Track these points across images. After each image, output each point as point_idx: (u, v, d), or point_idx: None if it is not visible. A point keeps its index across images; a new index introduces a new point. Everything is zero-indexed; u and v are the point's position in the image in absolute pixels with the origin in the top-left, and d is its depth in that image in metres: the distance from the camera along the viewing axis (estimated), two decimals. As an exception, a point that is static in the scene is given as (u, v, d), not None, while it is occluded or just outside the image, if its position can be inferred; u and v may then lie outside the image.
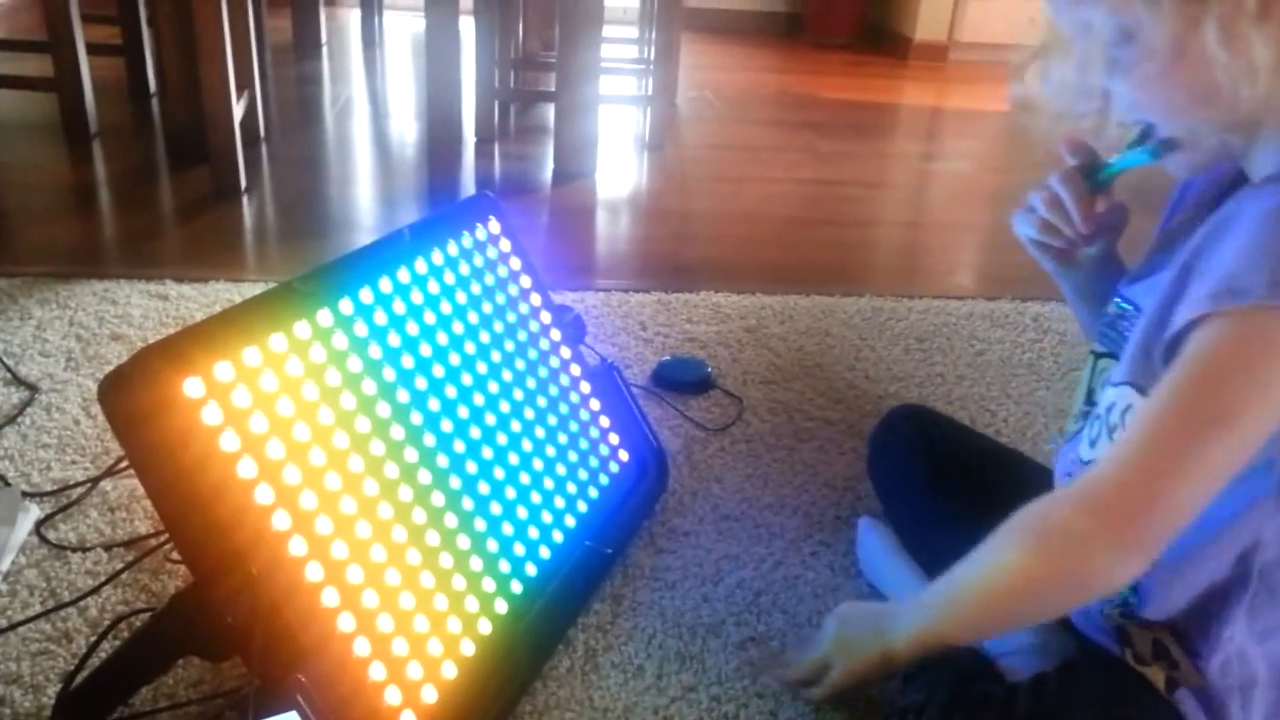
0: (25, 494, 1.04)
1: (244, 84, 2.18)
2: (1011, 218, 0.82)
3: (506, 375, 0.93)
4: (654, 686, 0.86)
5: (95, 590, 0.91)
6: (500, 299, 0.96)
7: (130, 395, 0.63)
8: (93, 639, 0.85)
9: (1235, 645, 0.68)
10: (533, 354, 0.98)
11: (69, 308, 1.47)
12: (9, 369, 1.28)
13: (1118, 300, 0.78)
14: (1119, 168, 0.75)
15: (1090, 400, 0.78)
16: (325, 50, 3.70)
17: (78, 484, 1.07)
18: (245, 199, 2.04)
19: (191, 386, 0.64)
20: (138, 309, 1.48)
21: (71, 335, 1.39)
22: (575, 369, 1.04)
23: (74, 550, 0.97)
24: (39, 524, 1.00)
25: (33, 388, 1.25)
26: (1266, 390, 0.58)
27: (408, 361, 0.82)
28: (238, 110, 2.02)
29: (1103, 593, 0.68)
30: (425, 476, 0.79)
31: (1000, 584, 0.68)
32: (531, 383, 0.96)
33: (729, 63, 4.17)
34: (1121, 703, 0.70)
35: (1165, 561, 0.63)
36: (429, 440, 0.81)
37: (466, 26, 2.33)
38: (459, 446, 0.84)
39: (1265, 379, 0.58)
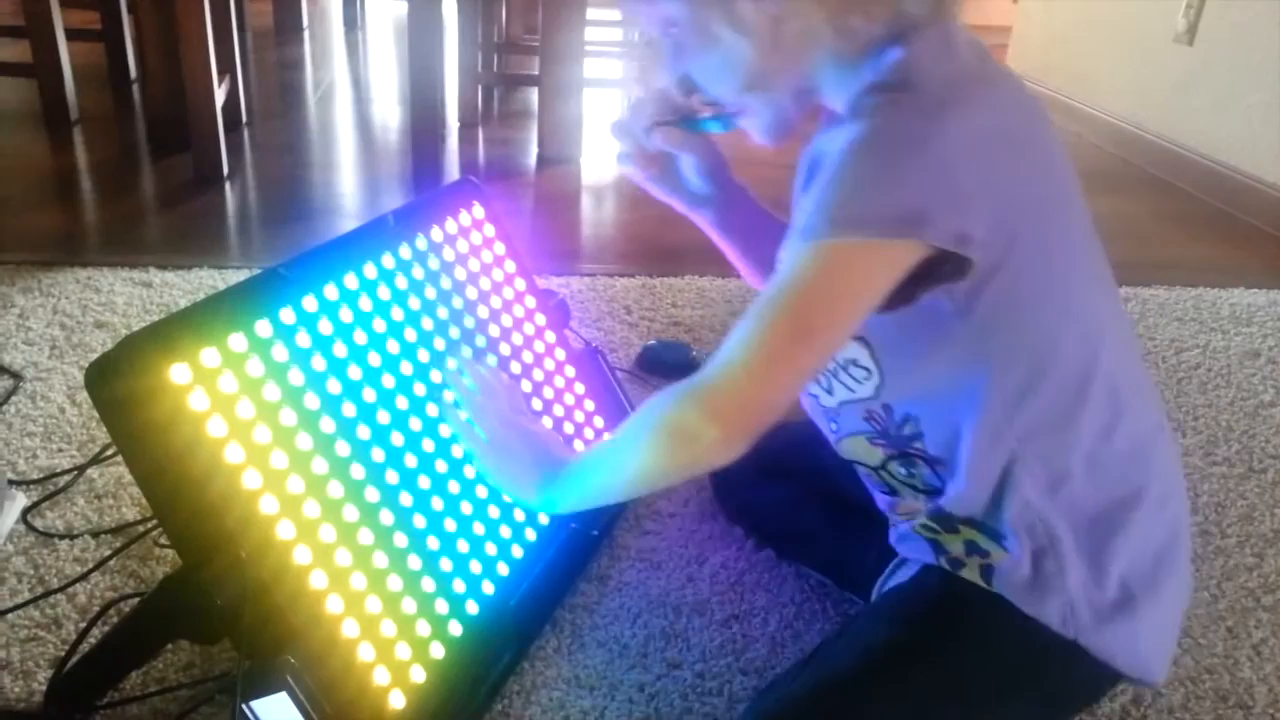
0: (11, 482, 1.05)
1: (225, 69, 2.17)
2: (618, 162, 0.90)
3: (491, 359, 0.94)
4: (639, 664, 0.87)
5: (84, 577, 0.92)
6: (485, 284, 0.97)
7: (117, 382, 0.63)
8: (82, 625, 0.86)
9: (1031, 509, 0.72)
10: (518, 338, 0.99)
11: (52, 296, 1.46)
12: (-7, 357, 1.28)
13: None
14: (698, 126, 0.82)
15: None
16: (307, 34, 3.68)
17: (64, 472, 1.07)
18: (228, 185, 2.04)
19: (178, 372, 0.65)
20: (121, 296, 1.48)
21: (55, 323, 1.39)
22: (560, 353, 1.04)
23: (61, 537, 0.97)
24: (26, 512, 1.00)
25: (17, 376, 1.25)
26: (833, 309, 0.67)
27: (392, 348, 0.82)
28: (219, 95, 2.01)
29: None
30: (411, 461, 0.80)
31: (631, 468, 0.76)
32: (516, 367, 0.97)
33: (713, 46, 4.16)
34: (939, 607, 0.75)
35: (959, 462, 0.74)
36: (415, 425, 0.82)
37: (449, 10, 2.32)
38: (445, 431, 0.85)
39: (829, 300, 0.66)
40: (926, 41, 0.68)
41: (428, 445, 0.82)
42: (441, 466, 0.83)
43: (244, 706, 0.66)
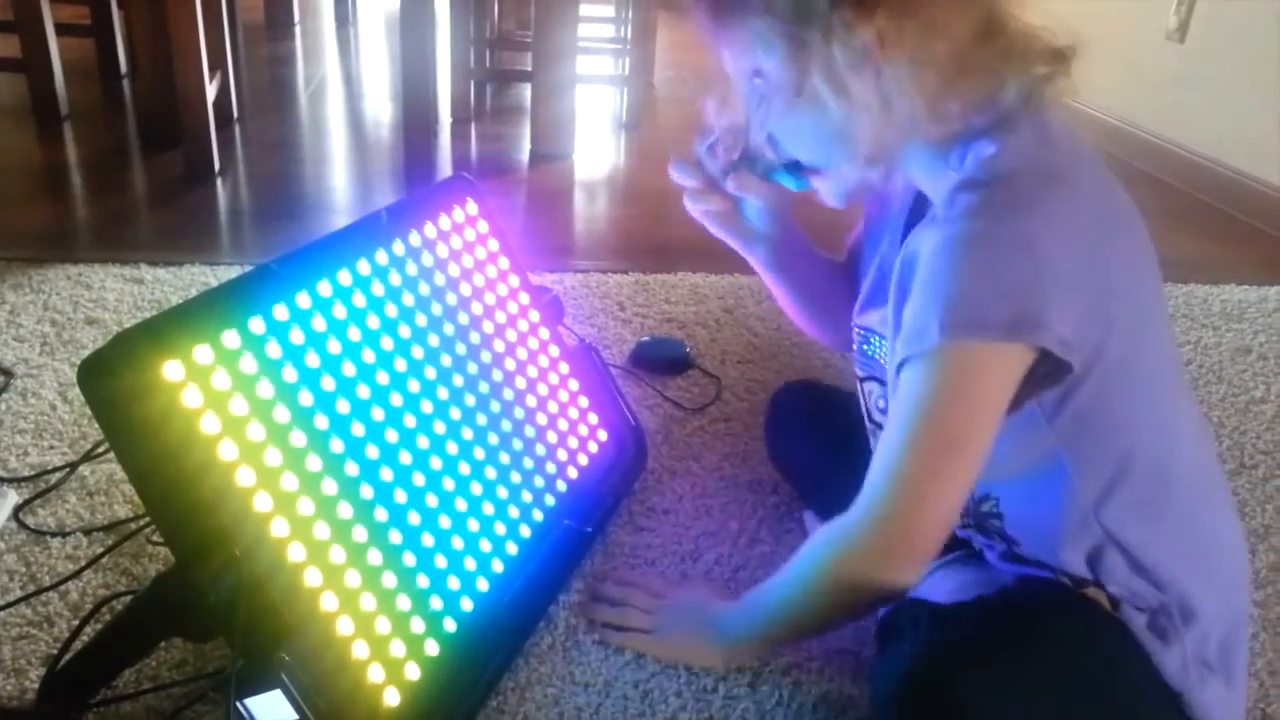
0: (2, 480, 1.04)
1: (216, 64, 2.15)
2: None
3: (485, 356, 0.94)
4: (634, 661, 0.87)
5: (76, 574, 0.91)
6: (478, 281, 0.96)
7: (110, 379, 0.63)
8: (74, 623, 0.85)
9: (1134, 583, 0.72)
10: (511, 335, 0.98)
11: (42, 292, 1.45)
12: (-17, 354, 1.27)
13: (855, 327, 0.86)
14: (774, 177, 0.81)
15: (872, 420, 0.86)
16: (298, 30, 3.66)
17: (55, 469, 1.07)
18: (219, 181, 2.03)
19: (171, 369, 0.64)
20: (112, 293, 1.47)
21: (46, 320, 1.38)
22: (554, 350, 1.04)
23: (53, 535, 0.97)
24: (17, 509, 1.00)
25: (8, 373, 1.24)
26: (971, 412, 0.66)
27: (386, 344, 0.82)
28: (210, 91, 2.00)
29: (884, 602, 0.75)
30: (406, 457, 0.80)
31: (818, 618, 0.77)
32: (510, 364, 0.97)
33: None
34: (1072, 614, 0.74)
35: (1042, 543, 0.74)
36: (409, 421, 0.82)
37: (441, 5, 2.31)
38: (439, 428, 0.85)
39: (965, 404, 0.66)
40: (1020, 134, 0.68)
41: (422, 442, 0.82)
42: (436, 463, 0.83)
43: (239, 704, 0.66)
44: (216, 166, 2.04)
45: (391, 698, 0.72)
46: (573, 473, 1.00)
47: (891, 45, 0.66)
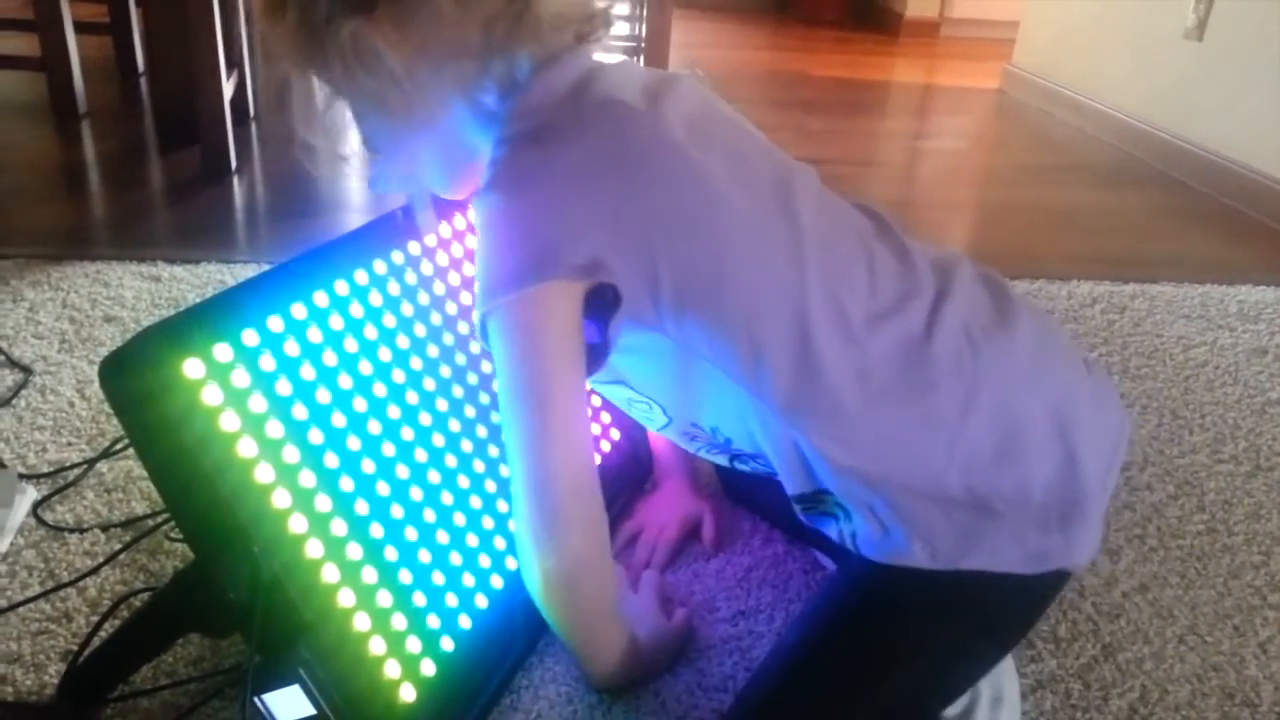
0: (22, 476, 1.05)
1: (234, 63, 2.17)
2: None
3: (500, 355, 0.94)
4: (647, 660, 0.87)
5: (94, 571, 0.92)
6: (493, 279, 0.97)
7: (130, 376, 0.64)
8: (93, 618, 0.86)
9: (843, 475, 0.73)
10: (526, 334, 0.99)
11: (61, 289, 1.47)
12: (3, 351, 1.28)
13: None
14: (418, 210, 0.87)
15: None
16: (313, 28, 3.67)
17: (74, 465, 1.08)
18: (236, 179, 2.04)
19: (191, 367, 0.65)
20: (130, 290, 1.48)
21: (64, 317, 1.39)
22: (568, 349, 1.04)
23: (71, 531, 0.98)
24: (36, 505, 1.01)
25: (27, 370, 1.25)
26: (540, 365, 0.70)
27: (403, 342, 0.83)
28: (228, 89, 2.01)
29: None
30: (421, 455, 0.80)
31: (551, 615, 0.77)
32: (525, 362, 0.97)
33: (720, 40, 4.17)
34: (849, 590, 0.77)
35: (767, 452, 0.77)
36: (425, 419, 0.82)
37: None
38: (453, 425, 0.85)
39: (530, 360, 0.69)
40: (524, 99, 0.73)
41: (437, 440, 0.83)
42: (451, 461, 0.83)
43: (257, 700, 0.66)
44: (233, 164, 2.05)
45: (407, 694, 0.72)
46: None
47: (404, 46, 0.70)
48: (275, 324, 0.71)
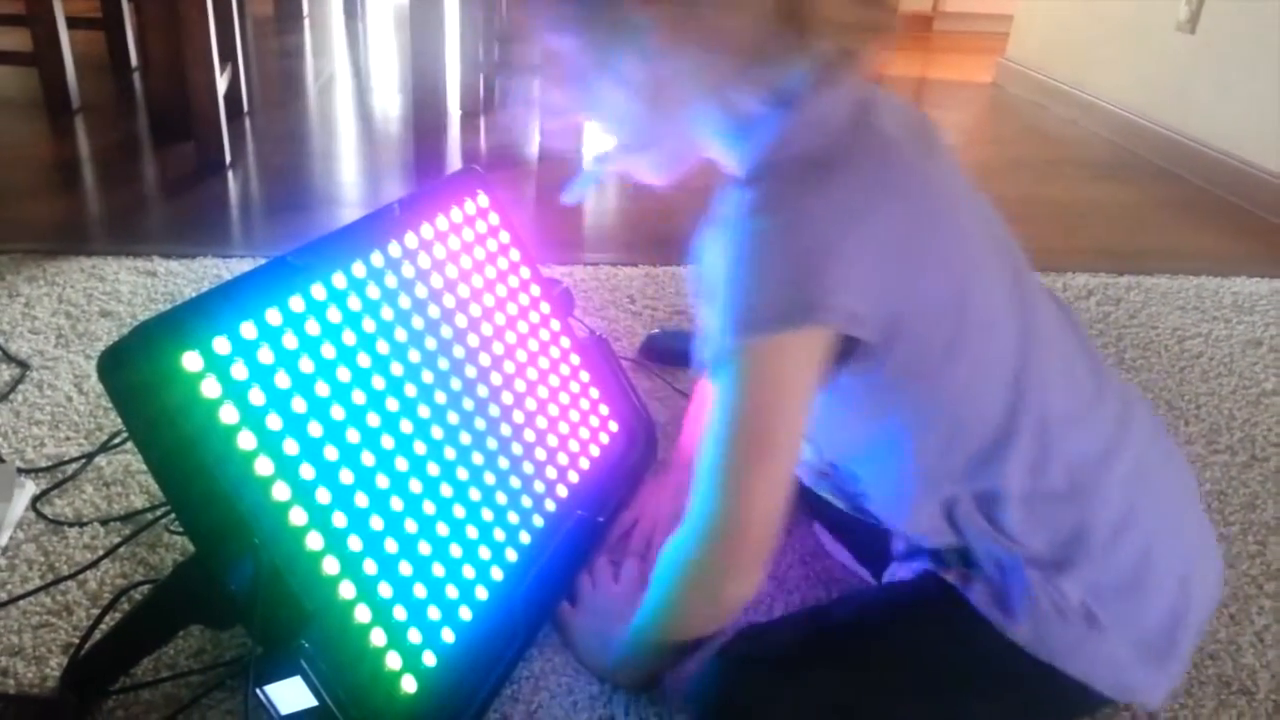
0: (20, 470, 1.05)
1: (227, 57, 2.16)
2: None
3: (497, 348, 0.94)
4: (647, 651, 0.87)
5: (94, 564, 0.92)
6: (490, 272, 0.97)
7: (129, 369, 0.64)
8: (93, 611, 0.86)
9: (986, 540, 0.74)
10: (523, 327, 0.99)
11: (57, 284, 1.46)
12: (0, 346, 1.28)
13: None
14: (582, 185, 0.84)
15: None
16: (307, 23, 3.67)
17: (72, 460, 1.08)
18: (230, 174, 2.04)
19: (190, 360, 0.65)
20: (126, 285, 1.48)
21: (61, 312, 1.39)
22: (565, 341, 1.05)
23: (71, 525, 0.98)
24: (35, 500, 1.01)
25: (24, 365, 1.25)
26: (773, 406, 0.67)
27: (400, 334, 0.83)
28: (221, 84, 2.01)
29: (732, 614, 0.76)
30: (420, 447, 0.81)
31: (671, 628, 0.76)
32: (522, 355, 0.97)
33: (714, 34, 4.14)
34: (928, 605, 0.76)
35: (904, 514, 0.76)
36: (423, 412, 0.82)
37: (451, -2, 2.32)
38: (452, 418, 0.85)
39: (766, 400, 0.67)
40: (804, 113, 0.68)
41: (436, 432, 0.83)
42: (450, 454, 0.84)
43: (258, 691, 0.66)
44: (228, 159, 2.05)
45: (409, 685, 0.73)
46: (585, 464, 1.01)
47: (679, 31, 0.66)
48: (274, 317, 0.71)
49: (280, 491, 0.68)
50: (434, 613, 0.77)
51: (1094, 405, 0.76)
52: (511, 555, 0.87)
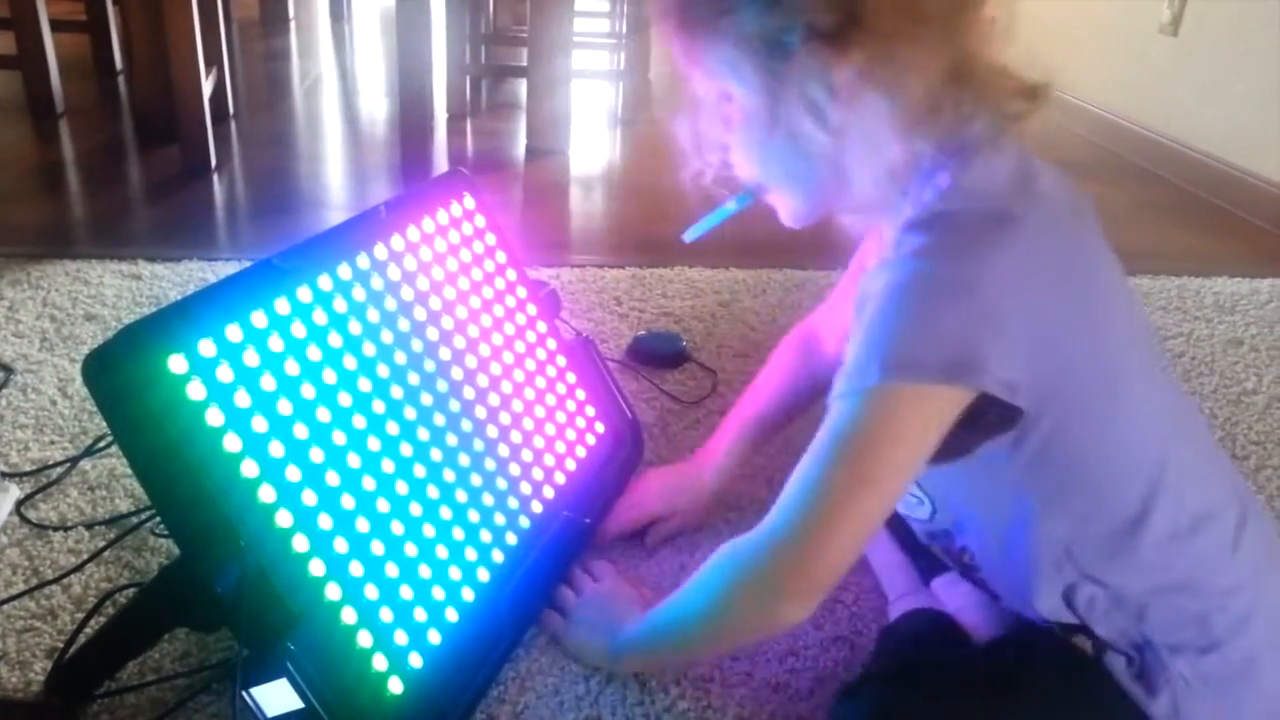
0: (4, 474, 1.05)
1: (212, 60, 2.16)
2: None
3: (483, 350, 0.94)
4: (633, 651, 0.88)
5: (79, 568, 0.92)
6: (476, 274, 0.97)
7: (114, 372, 0.64)
8: (77, 616, 0.86)
9: (1113, 621, 0.72)
10: (509, 328, 0.99)
11: (41, 288, 1.46)
12: (-17, 350, 1.28)
13: None
14: (707, 225, 0.83)
15: None
16: (293, 25, 3.66)
17: (57, 464, 1.07)
18: (215, 177, 2.03)
19: (175, 363, 0.65)
20: (111, 289, 1.47)
21: (45, 316, 1.38)
22: (551, 343, 1.05)
23: (55, 529, 0.98)
24: (19, 504, 1.00)
25: (8, 369, 1.24)
26: (891, 451, 0.65)
27: (386, 337, 0.83)
28: (206, 87, 2.00)
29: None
30: (407, 449, 0.81)
31: (703, 638, 0.77)
32: (508, 357, 0.98)
33: (700, 37, 4.15)
34: (1070, 669, 0.73)
35: (1020, 590, 0.74)
36: (409, 414, 0.83)
37: (436, 1, 2.32)
38: (439, 420, 0.85)
39: (886, 442, 0.65)
40: (975, 172, 0.67)
41: (423, 434, 0.83)
42: (436, 455, 0.84)
43: (244, 693, 0.66)
44: (213, 162, 2.04)
45: (395, 686, 0.73)
46: (571, 465, 1.01)
47: (865, 83, 0.65)
48: (259, 319, 0.72)
49: (266, 493, 0.68)
50: (420, 614, 0.77)
51: (1225, 503, 0.74)
52: (498, 556, 0.87)
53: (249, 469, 0.67)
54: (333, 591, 0.70)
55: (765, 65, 0.67)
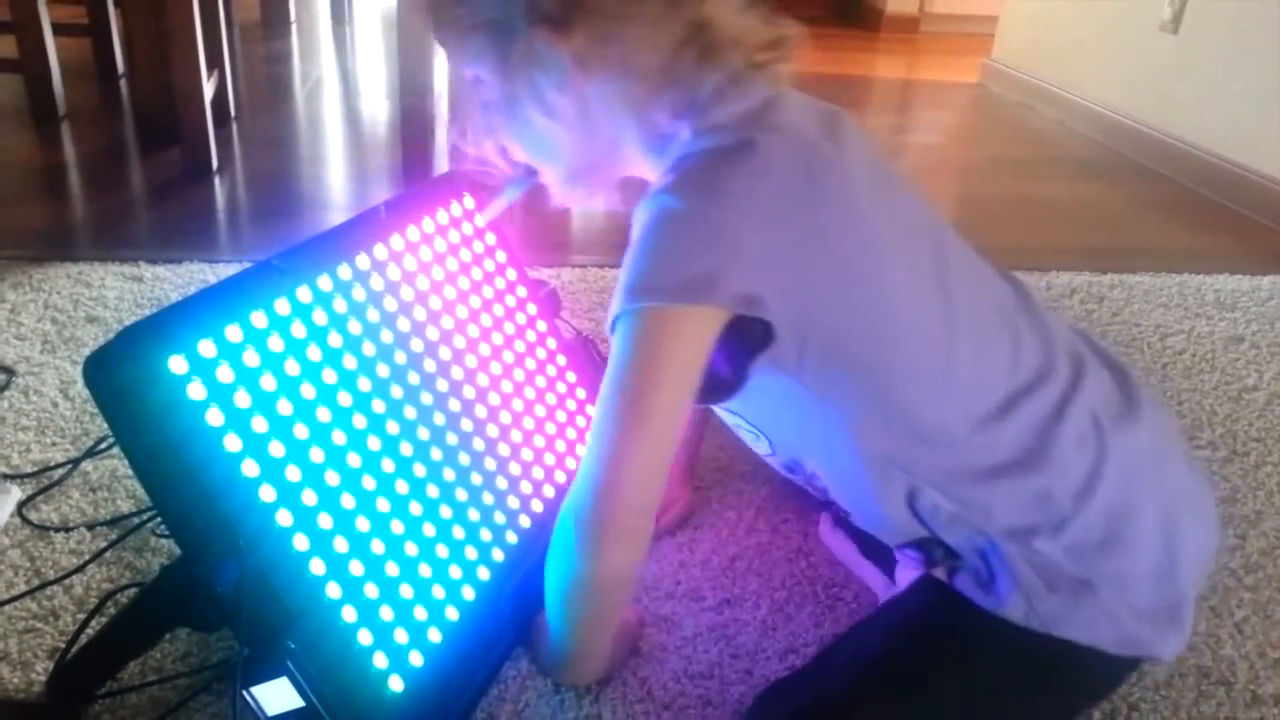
0: (6, 476, 1.05)
1: (214, 63, 2.16)
2: None
3: (483, 348, 0.95)
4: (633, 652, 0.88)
5: (80, 568, 0.92)
6: (476, 274, 0.97)
7: (115, 373, 0.64)
8: (79, 616, 0.87)
9: (957, 521, 0.74)
10: (509, 328, 0.99)
11: (43, 290, 1.46)
12: (-15, 352, 1.28)
13: None
14: (498, 206, 0.89)
15: None
16: (294, 28, 3.66)
17: (58, 465, 1.08)
18: (217, 179, 2.04)
19: (176, 363, 0.65)
20: (112, 291, 1.48)
21: (46, 318, 1.39)
22: (551, 342, 1.05)
23: (57, 530, 0.98)
24: (21, 505, 1.01)
25: (9, 371, 1.25)
26: (659, 377, 0.68)
27: (386, 337, 0.83)
28: (208, 90, 2.01)
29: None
30: (407, 449, 0.81)
31: (565, 611, 0.77)
32: (508, 356, 0.98)
33: (701, 37, 4.16)
34: (934, 622, 0.76)
35: (869, 506, 0.78)
36: (409, 413, 0.83)
37: (437, 3, 2.32)
38: (438, 419, 0.86)
39: (652, 369, 0.68)
40: (712, 114, 0.72)
41: (422, 433, 0.83)
42: (436, 454, 0.84)
43: (245, 692, 0.67)
44: (214, 165, 2.05)
45: (395, 684, 0.73)
46: (571, 464, 1.01)
47: (592, 63, 0.70)
48: (259, 320, 0.72)
49: (266, 493, 0.68)
50: (421, 613, 0.77)
51: (1044, 376, 0.76)
52: (498, 555, 0.87)
53: (249, 469, 0.67)
54: (333, 590, 0.70)
55: (498, 48, 0.72)
